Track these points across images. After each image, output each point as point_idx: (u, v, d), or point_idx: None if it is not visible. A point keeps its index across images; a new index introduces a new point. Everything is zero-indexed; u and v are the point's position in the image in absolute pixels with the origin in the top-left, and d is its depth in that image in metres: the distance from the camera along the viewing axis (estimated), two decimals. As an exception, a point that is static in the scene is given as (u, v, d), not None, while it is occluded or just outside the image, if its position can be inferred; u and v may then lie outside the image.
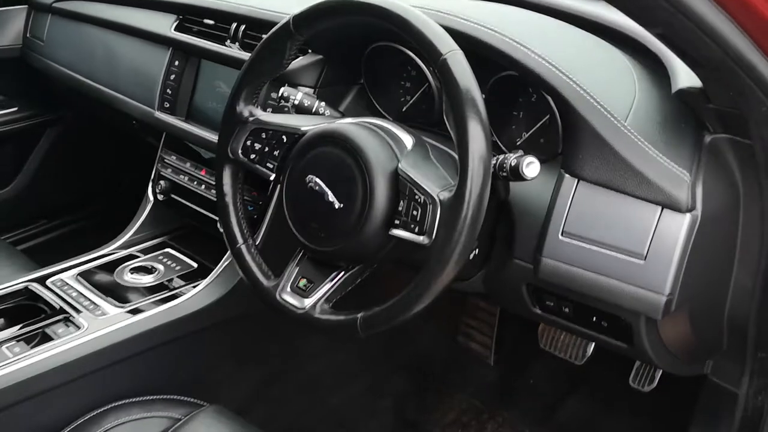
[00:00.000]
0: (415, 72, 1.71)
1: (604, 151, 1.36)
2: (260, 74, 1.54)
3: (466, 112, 1.24)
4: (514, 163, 1.33)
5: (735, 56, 1.10)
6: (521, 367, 2.40)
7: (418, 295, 1.29)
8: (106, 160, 3.01)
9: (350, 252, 1.39)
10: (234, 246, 1.57)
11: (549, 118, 1.52)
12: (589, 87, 1.39)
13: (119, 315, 1.78)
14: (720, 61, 1.13)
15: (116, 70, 2.23)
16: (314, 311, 1.42)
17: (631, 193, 1.35)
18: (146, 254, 2.06)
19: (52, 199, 2.89)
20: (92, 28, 2.33)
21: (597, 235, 1.37)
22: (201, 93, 2.04)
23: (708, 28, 1.08)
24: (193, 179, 2.05)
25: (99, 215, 2.98)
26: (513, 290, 1.56)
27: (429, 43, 1.29)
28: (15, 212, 2.78)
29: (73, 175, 2.94)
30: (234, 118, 1.56)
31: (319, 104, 1.65)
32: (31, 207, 2.83)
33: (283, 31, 1.48)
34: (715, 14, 1.06)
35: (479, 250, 1.51)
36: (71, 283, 1.90)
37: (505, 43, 1.45)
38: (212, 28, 1.99)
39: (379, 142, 1.38)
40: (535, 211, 1.45)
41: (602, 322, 1.50)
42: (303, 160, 1.44)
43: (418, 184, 1.31)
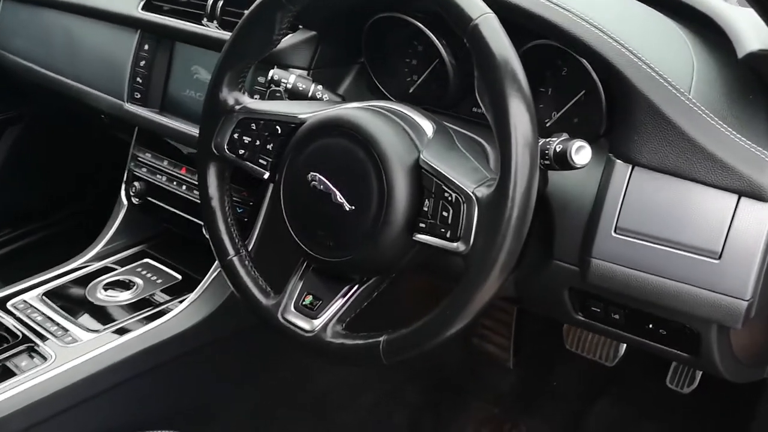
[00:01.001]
0: (423, 47, 1.52)
1: (665, 131, 1.17)
2: (246, 54, 1.34)
3: (506, 89, 1.04)
4: (560, 149, 1.14)
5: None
6: (543, 369, 2.26)
7: (456, 313, 1.09)
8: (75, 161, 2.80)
9: (365, 262, 1.20)
10: (224, 258, 1.37)
11: (584, 94, 1.34)
12: (644, 55, 1.20)
13: (93, 341, 1.60)
14: None
15: (78, 59, 2.04)
16: (325, 334, 1.23)
17: (701, 180, 1.16)
18: (122, 266, 1.90)
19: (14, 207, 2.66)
20: (49, 12, 2.13)
21: (659, 230, 1.19)
22: (176, 80, 1.86)
23: None
24: (171, 179, 1.86)
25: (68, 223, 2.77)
26: (552, 295, 1.37)
27: (455, 5, 1.08)
28: None
29: (37, 179, 2.72)
30: (217, 107, 1.35)
31: (315, 88, 1.45)
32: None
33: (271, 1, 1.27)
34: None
35: None
36: (36, 305, 1.73)
37: (542, 6, 1.25)
38: (185, 5, 1.80)
39: (394, 130, 1.18)
40: (578, 205, 1.27)
41: (660, 330, 1.32)
42: (303, 154, 1.24)
43: (447, 179, 1.11)
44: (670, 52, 1.27)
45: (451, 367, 2.32)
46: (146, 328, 1.64)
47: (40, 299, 1.75)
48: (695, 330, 1.26)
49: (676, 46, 1.29)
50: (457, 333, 1.11)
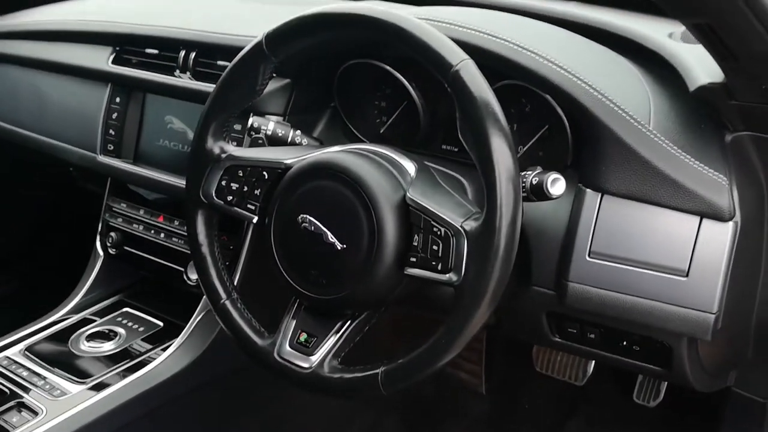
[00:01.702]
0: (390, 90, 1.57)
1: (631, 160, 1.25)
2: (230, 104, 1.38)
3: (488, 128, 1.11)
4: (536, 181, 1.21)
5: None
6: (515, 393, 2.29)
7: (451, 340, 1.15)
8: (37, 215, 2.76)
9: (358, 298, 1.24)
10: (217, 302, 1.40)
11: (548, 128, 1.41)
12: (605, 92, 1.27)
13: (81, 393, 1.59)
14: (765, 52, 1.05)
15: (46, 113, 2.01)
16: (323, 370, 1.27)
17: (666, 204, 1.24)
18: (102, 317, 1.87)
19: None
20: (12, 68, 2.11)
21: (630, 253, 1.26)
22: (149, 131, 1.85)
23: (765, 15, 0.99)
24: (149, 227, 1.86)
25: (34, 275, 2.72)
26: (531, 319, 1.43)
27: (436, 54, 1.15)
28: None
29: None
30: (204, 156, 1.39)
31: (294, 133, 1.50)
32: None
33: (255, 53, 1.32)
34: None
35: None
36: (19, 360, 1.70)
37: (512, 50, 1.32)
38: (156, 57, 1.81)
39: (380, 171, 1.24)
40: (552, 232, 1.33)
41: (634, 347, 1.38)
42: (292, 197, 1.28)
43: (435, 215, 1.17)
44: (627, 87, 1.34)
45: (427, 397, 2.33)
46: (134, 377, 1.62)
47: (23, 354, 1.71)
48: (667, 344, 1.32)
49: (631, 81, 1.36)
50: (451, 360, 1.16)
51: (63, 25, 2.05)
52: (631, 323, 1.29)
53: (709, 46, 1.13)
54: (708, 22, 1.04)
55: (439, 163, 1.43)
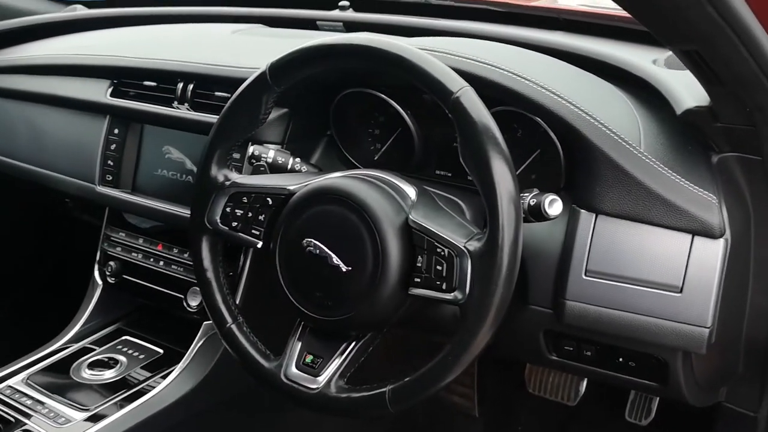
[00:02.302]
0: (384, 117, 1.62)
1: (624, 181, 1.29)
2: (234, 133, 1.42)
3: (489, 152, 1.16)
4: (534, 203, 1.25)
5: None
6: (508, 415, 2.30)
7: (457, 358, 1.19)
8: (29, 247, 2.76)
9: (363, 319, 1.27)
10: (223, 327, 1.43)
11: (539, 153, 1.46)
12: (597, 116, 1.32)
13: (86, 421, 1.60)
14: (750, 76, 1.09)
15: (43, 146, 2.03)
16: (330, 390, 1.30)
17: (659, 223, 1.28)
18: (102, 345, 1.87)
19: None
20: (9, 103, 2.13)
21: (625, 271, 1.30)
22: (147, 161, 1.88)
23: (751, 41, 1.03)
24: (148, 256, 1.87)
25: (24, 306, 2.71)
26: (528, 339, 1.46)
27: (436, 82, 1.20)
28: None
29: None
30: (209, 184, 1.42)
31: (294, 160, 1.53)
32: None
33: (258, 83, 1.37)
34: (758, 26, 1.02)
35: None
36: (22, 390, 1.71)
37: (506, 77, 1.37)
38: (154, 89, 1.83)
39: (382, 195, 1.28)
40: (547, 253, 1.37)
41: (629, 363, 1.42)
42: (297, 222, 1.32)
43: (438, 236, 1.21)
44: (617, 111, 1.39)
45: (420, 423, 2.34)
46: (135, 404, 1.63)
47: (25, 383, 1.72)
48: (663, 359, 1.36)
49: (620, 106, 1.41)
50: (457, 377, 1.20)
51: (60, 59, 2.08)
52: (628, 339, 1.32)
53: (696, 70, 1.17)
54: (696, 49, 1.09)
55: (436, 187, 1.46)
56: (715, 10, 0.96)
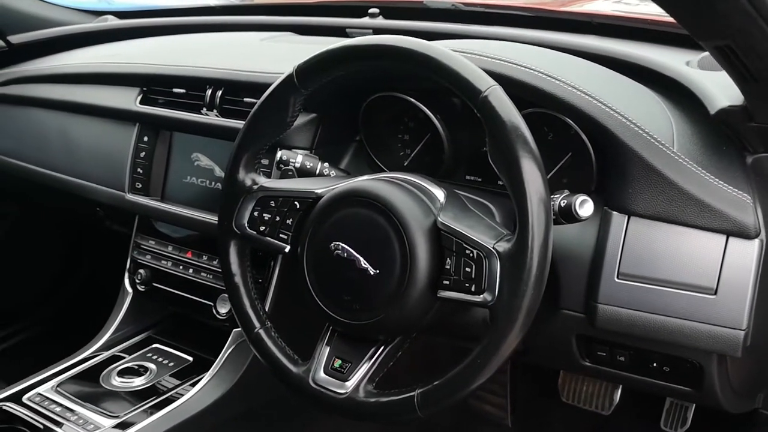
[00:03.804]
0: (414, 123, 1.61)
1: (657, 182, 1.27)
2: (261, 136, 1.41)
3: (518, 152, 1.14)
4: (564, 204, 1.24)
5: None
6: (541, 425, 2.28)
7: (487, 361, 1.16)
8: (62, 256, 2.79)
9: (392, 322, 1.26)
10: (251, 331, 1.41)
11: (570, 156, 1.44)
12: (629, 116, 1.30)
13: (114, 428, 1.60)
14: None
15: (76, 154, 2.05)
16: (358, 395, 1.28)
17: (693, 224, 1.26)
18: (132, 353, 1.88)
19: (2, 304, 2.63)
20: (42, 112, 2.15)
21: (658, 273, 1.28)
22: (176, 169, 1.88)
23: None
24: (177, 264, 1.87)
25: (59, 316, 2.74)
26: (560, 343, 1.44)
27: (465, 81, 1.18)
28: None
29: (23, 275, 2.70)
30: (236, 188, 1.42)
31: (322, 165, 1.52)
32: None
33: (286, 86, 1.36)
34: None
35: None
36: (52, 397, 1.71)
37: (537, 78, 1.35)
38: (183, 96, 1.83)
39: (410, 197, 1.27)
40: (579, 255, 1.35)
41: (664, 368, 1.39)
42: (324, 225, 1.31)
43: (467, 237, 1.19)
44: (650, 112, 1.37)
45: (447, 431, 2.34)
46: (164, 411, 1.63)
47: (55, 391, 1.72)
48: (697, 363, 1.33)
49: (653, 107, 1.39)
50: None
51: (91, 67, 2.10)
52: (662, 343, 1.30)
53: (729, 67, 1.15)
54: (729, 44, 1.07)
55: (465, 192, 1.45)
56: (747, 1, 0.94)
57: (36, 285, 2.75)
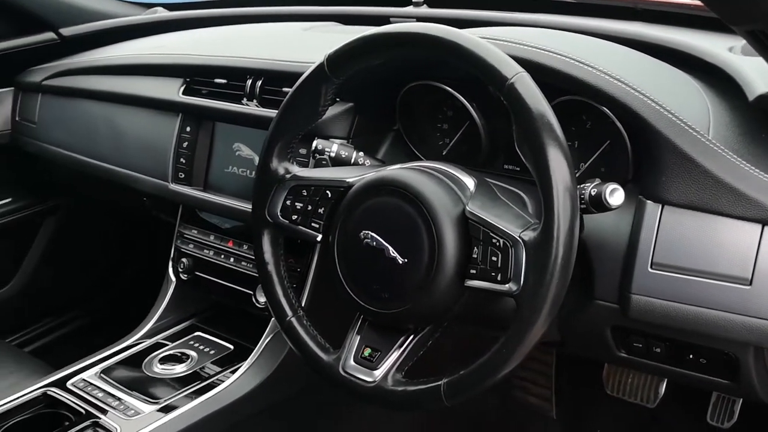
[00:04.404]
0: (453, 112, 1.60)
1: (691, 171, 1.24)
2: (294, 126, 1.42)
3: (544, 139, 1.13)
4: (595, 192, 1.21)
5: None
6: (586, 417, 2.25)
7: (512, 350, 1.15)
8: (113, 246, 2.85)
9: (420, 311, 1.25)
10: (283, 320, 1.43)
11: (609, 144, 1.42)
12: (664, 103, 1.27)
13: (154, 413, 1.63)
14: None
15: (122, 145, 2.08)
16: (386, 383, 1.28)
17: (727, 213, 1.23)
18: (174, 341, 1.91)
19: (56, 294, 2.71)
20: (90, 103, 2.18)
21: (692, 263, 1.25)
22: (218, 159, 1.90)
23: None
24: (219, 253, 1.89)
25: (112, 305, 2.80)
26: (595, 335, 1.42)
27: (491, 68, 1.17)
28: (17, 312, 2.60)
29: (78, 265, 2.77)
30: (269, 177, 1.43)
31: (357, 154, 1.52)
32: (34, 305, 2.65)
33: (317, 75, 1.36)
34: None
35: None
36: (95, 383, 1.74)
37: (569, 64, 1.33)
38: (225, 87, 1.85)
39: (440, 186, 1.26)
40: (613, 245, 1.33)
41: (700, 360, 1.36)
42: (354, 214, 1.31)
43: (494, 226, 1.18)
44: (686, 98, 1.34)
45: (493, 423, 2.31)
46: (204, 398, 1.65)
47: (99, 377, 1.75)
48: (733, 355, 1.30)
49: (690, 93, 1.37)
50: (512, 371, 1.17)
51: (136, 59, 2.13)
52: (696, 334, 1.28)
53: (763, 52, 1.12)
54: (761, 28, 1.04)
55: (503, 181, 1.43)
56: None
57: (89, 275, 2.81)
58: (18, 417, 1.64)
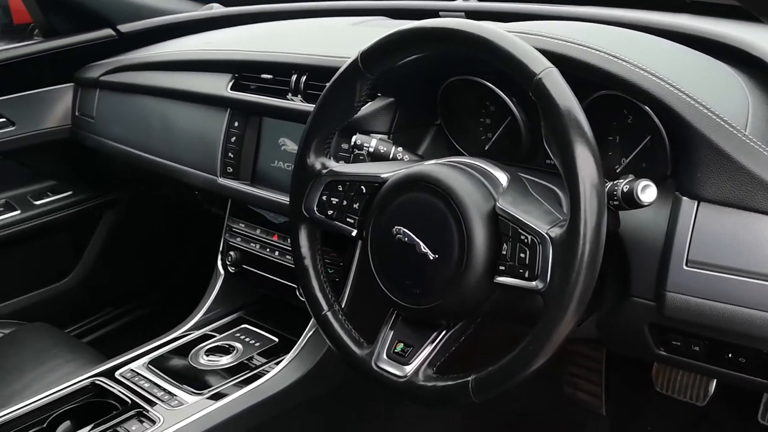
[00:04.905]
0: (495, 106, 1.59)
1: (726, 166, 1.22)
2: (329, 121, 1.43)
3: (571, 136, 1.11)
4: (627, 189, 1.20)
5: None
6: (636, 414, 2.23)
7: (539, 348, 1.15)
8: (169, 239, 2.91)
9: (451, 307, 1.25)
10: (319, 314, 1.44)
11: (650, 139, 1.39)
12: (700, 98, 1.25)
13: (197, 403, 1.65)
14: None
15: (174, 139, 2.12)
16: (417, 378, 1.29)
17: (763, 210, 1.20)
18: (221, 333, 1.94)
19: (116, 286, 2.78)
20: (145, 98, 2.22)
21: (728, 261, 1.22)
22: (265, 153, 1.91)
23: None
24: (265, 246, 1.91)
25: (168, 297, 2.86)
26: (633, 332, 1.40)
27: (519, 63, 1.16)
28: (78, 303, 2.68)
29: (135, 258, 2.83)
30: (305, 172, 1.44)
31: (396, 149, 1.52)
32: (94, 296, 2.73)
33: (351, 71, 1.37)
34: None
35: None
36: (142, 373, 1.78)
37: (601, 59, 1.31)
38: (271, 82, 1.87)
39: (471, 182, 1.25)
40: (650, 242, 1.31)
41: (739, 359, 1.33)
42: (387, 209, 1.31)
43: (522, 223, 1.17)
44: (726, 92, 1.31)
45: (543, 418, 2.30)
46: (247, 389, 1.68)
47: (146, 367, 1.79)
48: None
49: (730, 86, 1.34)
50: (540, 368, 1.16)
51: (187, 55, 2.17)
52: (733, 333, 1.25)
53: None
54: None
55: (541, 176, 1.42)
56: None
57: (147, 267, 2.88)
58: (68, 405, 1.68)
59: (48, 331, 2.16)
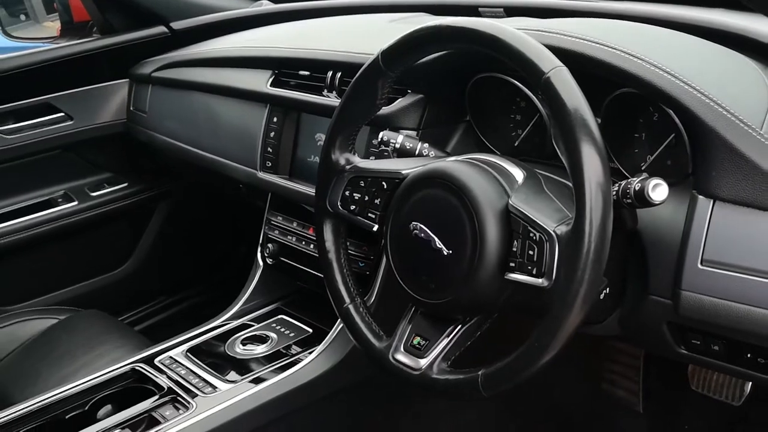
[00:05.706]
0: (525, 103, 1.60)
1: (740, 165, 1.21)
2: (353, 118, 1.46)
3: (577, 135, 1.12)
4: (638, 188, 1.20)
5: None
6: (673, 413, 2.21)
7: (544, 345, 1.16)
8: (221, 229, 2.97)
9: (464, 302, 1.27)
10: (341, 306, 1.47)
11: (675, 136, 1.38)
12: (715, 95, 1.24)
13: (230, 391, 1.69)
14: None
15: (218, 134, 2.18)
16: (431, 371, 1.31)
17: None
18: (259, 323, 1.98)
19: (170, 275, 2.86)
20: (192, 94, 2.29)
21: (742, 260, 1.22)
22: (302, 148, 1.96)
23: None
24: (301, 239, 1.95)
25: (219, 287, 2.92)
26: (653, 330, 1.40)
27: (528, 62, 1.17)
28: (132, 291, 2.76)
29: (189, 248, 2.91)
30: (330, 167, 1.47)
31: (422, 146, 1.54)
32: (147, 285, 2.81)
33: (372, 69, 1.40)
34: None
35: (610, 289, 1.35)
36: (180, 360, 1.83)
37: (616, 56, 1.32)
38: (308, 78, 1.91)
39: (485, 179, 1.27)
40: (668, 240, 1.31)
41: (759, 359, 1.32)
42: (405, 205, 1.34)
43: (531, 220, 1.19)
44: (743, 88, 1.30)
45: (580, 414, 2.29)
46: (278, 377, 1.71)
47: (185, 355, 1.84)
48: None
49: (750, 81, 1.33)
50: (547, 364, 1.17)
51: (231, 51, 2.22)
52: (748, 333, 1.24)
53: None
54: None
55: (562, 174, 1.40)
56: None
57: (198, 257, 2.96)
58: (109, 390, 1.75)
59: (101, 318, 2.24)
